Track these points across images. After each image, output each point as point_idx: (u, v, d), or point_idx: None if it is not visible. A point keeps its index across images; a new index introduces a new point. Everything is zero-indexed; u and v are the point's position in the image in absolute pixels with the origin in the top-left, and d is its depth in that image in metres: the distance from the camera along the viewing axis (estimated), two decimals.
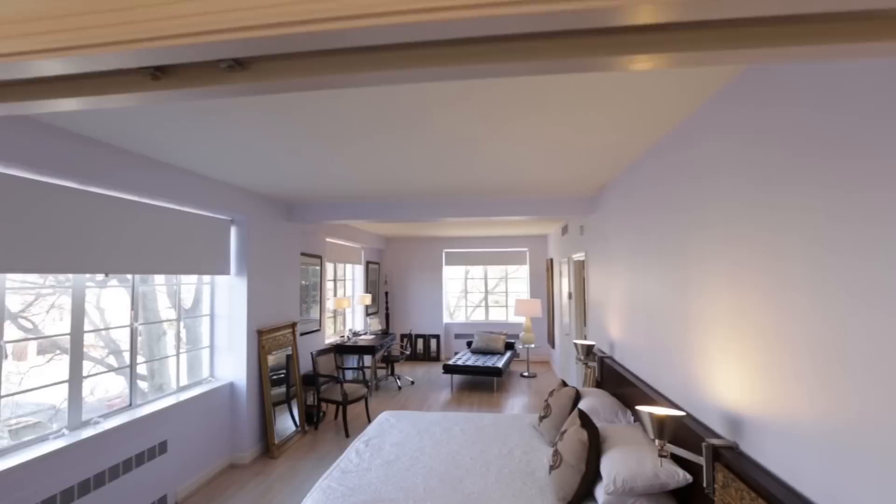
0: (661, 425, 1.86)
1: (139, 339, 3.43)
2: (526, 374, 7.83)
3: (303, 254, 5.69)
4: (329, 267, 7.01)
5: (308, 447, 4.64)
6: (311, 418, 5.27)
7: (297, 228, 5.34)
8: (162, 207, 3.44)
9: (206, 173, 3.57)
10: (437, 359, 9.20)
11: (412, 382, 7.37)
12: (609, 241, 4.03)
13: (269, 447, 4.41)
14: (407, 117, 2.39)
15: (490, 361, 7.02)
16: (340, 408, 5.35)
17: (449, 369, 6.79)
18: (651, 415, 1.87)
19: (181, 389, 3.82)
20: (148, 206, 3.29)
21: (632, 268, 3.33)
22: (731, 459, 1.75)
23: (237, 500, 3.53)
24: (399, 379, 7.44)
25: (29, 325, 2.92)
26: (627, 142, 2.83)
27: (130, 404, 3.29)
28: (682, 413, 1.90)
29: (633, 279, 3.31)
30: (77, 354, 2.88)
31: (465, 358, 7.31)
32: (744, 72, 1.84)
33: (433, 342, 9.30)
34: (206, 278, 4.28)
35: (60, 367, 2.88)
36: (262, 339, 4.44)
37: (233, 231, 4.33)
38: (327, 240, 6.66)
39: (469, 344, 8.23)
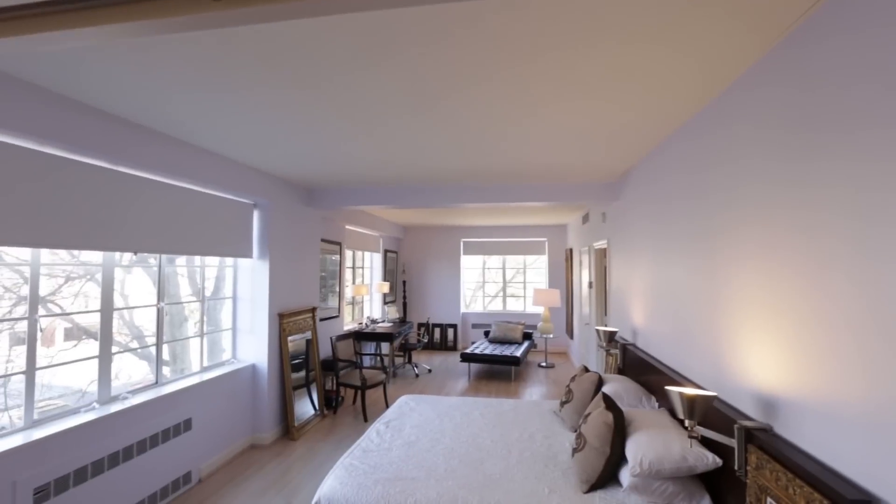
0: (692, 405, 1.81)
1: (165, 318, 3.49)
2: (544, 364, 7.78)
3: (323, 240, 5.73)
4: (348, 254, 7.04)
5: (327, 430, 4.69)
6: (329, 402, 5.32)
7: (317, 214, 5.37)
8: (189, 190, 3.48)
9: (230, 156, 3.60)
10: (453, 348, 9.21)
11: (429, 370, 7.39)
12: (633, 228, 3.95)
13: (289, 429, 4.47)
14: (428, 99, 2.36)
15: (508, 351, 6.98)
16: (359, 393, 5.40)
17: (467, 357, 6.77)
18: (682, 394, 1.82)
19: (204, 370, 3.89)
20: (176, 189, 3.34)
21: (657, 253, 3.25)
22: (764, 441, 1.69)
23: (258, 478, 3.58)
24: (416, 367, 7.47)
25: (58, 309, 2.99)
26: (651, 124, 2.75)
27: (157, 382, 3.36)
28: (713, 393, 1.85)
29: (658, 265, 3.24)
30: (107, 331, 2.94)
31: (482, 347, 7.29)
32: (772, 50, 1.78)
33: (450, 331, 9.30)
34: (229, 262, 4.33)
35: (87, 351, 2.95)
36: (283, 323, 4.48)
37: (255, 215, 4.37)
38: (346, 227, 6.69)
39: (486, 333, 8.20)
